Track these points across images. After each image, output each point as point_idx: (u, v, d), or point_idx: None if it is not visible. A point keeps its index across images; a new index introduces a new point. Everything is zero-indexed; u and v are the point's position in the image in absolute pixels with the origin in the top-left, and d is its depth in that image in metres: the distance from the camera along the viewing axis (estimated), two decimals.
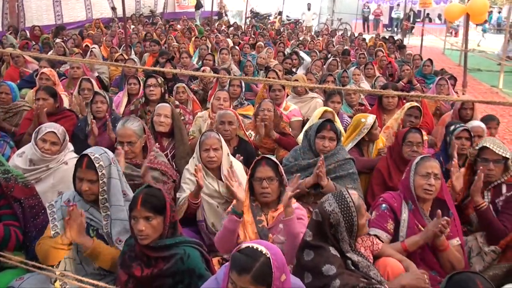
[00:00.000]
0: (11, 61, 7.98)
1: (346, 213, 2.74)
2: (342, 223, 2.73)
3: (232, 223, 3.04)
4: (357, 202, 2.79)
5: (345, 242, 2.75)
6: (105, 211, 2.97)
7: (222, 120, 4.50)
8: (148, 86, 5.60)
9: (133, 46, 10.96)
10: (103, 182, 2.95)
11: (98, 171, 2.94)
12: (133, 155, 3.89)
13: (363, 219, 2.79)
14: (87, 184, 2.93)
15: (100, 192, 2.96)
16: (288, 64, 9.34)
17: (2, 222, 3.08)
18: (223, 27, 19.04)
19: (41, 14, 15.19)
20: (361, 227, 2.79)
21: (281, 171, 3.23)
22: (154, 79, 5.65)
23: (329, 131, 3.97)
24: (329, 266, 2.64)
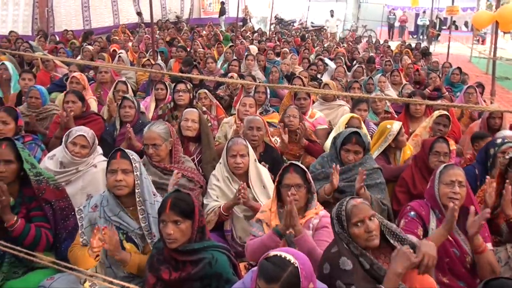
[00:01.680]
0: (41, 65, 8.15)
1: (338, 221, 2.73)
2: (338, 230, 2.73)
3: (272, 241, 3.00)
4: (349, 209, 2.70)
5: (353, 246, 2.70)
6: (140, 206, 3.03)
7: (250, 126, 4.52)
8: (177, 91, 5.65)
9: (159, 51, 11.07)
10: (137, 175, 3.04)
11: (132, 162, 3.03)
12: (158, 158, 3.93)
13: (354, 229, 2.67)
14: (122, 174, 2.99)
15: (136, 185, 3.02)
16: (313, 70, 9.33)
17: (33, 224, 3.15)
18: (247, 33, 19.13)
19: (70, 19, 15.47)
20: (353, 236, 2.67)
21: (309, 178, 3.22)
22: (183, 84, 5.71)
23: (354, 144, 3.93)
24: (345, 259, 2.63)
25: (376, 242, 2.65)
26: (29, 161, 3.23)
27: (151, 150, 3.90)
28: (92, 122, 5.04)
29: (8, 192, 3.15)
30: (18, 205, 3.20)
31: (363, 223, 2.64)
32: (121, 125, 4.98)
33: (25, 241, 3.02)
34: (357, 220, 2.65)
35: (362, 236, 2.64)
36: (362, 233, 2.64)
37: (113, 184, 3.01)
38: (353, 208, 2.68)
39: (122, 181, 2.99)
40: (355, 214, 2.66)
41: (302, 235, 2.94)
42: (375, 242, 2.65)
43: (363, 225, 2.64)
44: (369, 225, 2.63)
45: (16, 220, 3.03)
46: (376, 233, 2.66)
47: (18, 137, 4.21)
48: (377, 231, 2.67)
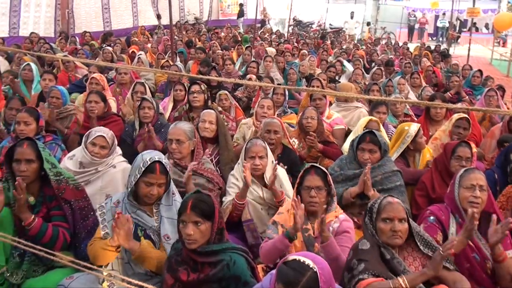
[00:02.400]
0: (61, 66, 8.24)
1: (369, 211, 2.85)
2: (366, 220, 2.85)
3: (282, 244, 3.02)
4: (383, 204, 2.79)
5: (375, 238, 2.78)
6: (156, 208, 3.09)
7: (268, 129, 4.50)
8: (192, 92, 5.68)
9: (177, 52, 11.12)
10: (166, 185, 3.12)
11: (168, 176, 3.12)
12: (179, 155, 3.95)
13: (381, 224, 2.75)
14: (158, 188, 3.06)
15: None
16: (332, 72, 9.29)
17: (52, 223, 3.18)
18: (266, 35, 19.14)
19: (90, 21, 15.61)
20: (378, 229, 2.76)
21: (329, 180, 3.21)
22: (197, 86, 5.73)
23: (368, 143, 3.91)
24: (365, 241, 2.76)
25: (398, 241, 2.72)
26: (50, 161, 3.27)
27: (174, 145, 3.93)
28: (112, 123, 5.09)
29: (30, 191, 3.21)
30: (38, 204, 3.24)
31: (392, 221, 2.73)
32: (140, 126, 5.01)
33: (42, 240, 3.04)
34: (386, 217, 2.74)
35: (386, 233, 2.73)
36: (387, 230, 2.72)
37: (146, 194, 3.06)
38: (387, 204, 2.77)
39: (155, 194, 3.07)
40: (386, 210, 2.75)
41: (330, 242, 2.95)
42: (397, 241, 2.72)
43: (391, 224, 2.73)
44: (396, 226, 2.71)
45: (33, 219, 3.07)
46: (401, 234, 2.72)
47: (39, 137, 4.27)
48: (403, 234, 2.73)
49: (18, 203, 3.01)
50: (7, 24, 12.97)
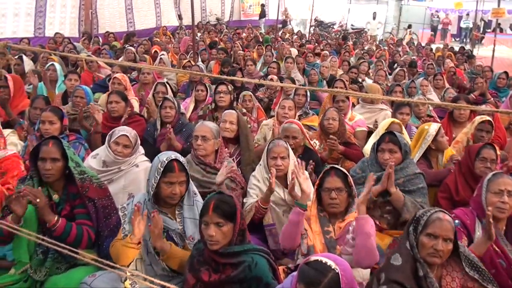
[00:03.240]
0: (85, 66, 8.33)
1: (415, 221, 2.71)
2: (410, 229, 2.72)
3: (296, 215, 3.06)
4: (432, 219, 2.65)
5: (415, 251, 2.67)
6: (179, 210, 3.09)
7: (286, 135, 4.48)
8: (219, 92, 5.69)
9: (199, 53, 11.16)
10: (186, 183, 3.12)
11: (187, 173, 3.11)
12: (204, 151, 3.98)
13: (424, 238, 2.64)
14: (179, 187, 3.06)
15: None
16: (354, 73, 9.23)
17: (76, 221, 3.21)
18: (287, 35, 19.11)
19: (114, 21, 15.75)
20: (420, 243, 2.65)
21: (350, 182, 3.19)
22: (224, 86, 5.74)
23: (388, 143, 3.86)
24: (398, 255, 2.65)
25: (435, 260, 2.61)
26: (74, 160, 3.30)
27: (199, 141, 3.96)
28: (135, 123, 5.12)
29: (54, 189, 3.28)
30: (62, 202, 3.28)
31: (436, 238, 2.59)
32: (161, 126, 5.03)
33: (67, 240, 3.06)
34: (431, 232, 2.61)
35: (427, 249, 2.61)
36: (428, 246, 2.60)
37: (169, 195, 3.07)
38: (436, 220, 2.63)
39: (177, 194, 3.07)
40: (433, 226, 2.62)
41: (365, 216, 2.96)
42: (435, 260, 2.60)
43: (434, 240, 2.59)
44: (439, 245, 2.58)
45: (57, 220, 3.09)
46: (442, 254, 2.59)
47: (63, 136, 4.30)
48: (444, 254, 2.60)
49: (38, 207, 3.03)
50: (33, 24, 13.12)
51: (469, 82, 9.46)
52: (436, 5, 27.13)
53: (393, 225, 3.67)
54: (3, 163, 3.89)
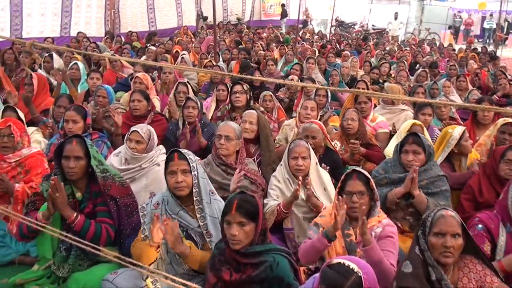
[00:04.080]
0: (108, 65, 8.41)
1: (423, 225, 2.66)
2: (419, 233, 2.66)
3: (321, 244, 2.97)
4: (436, 218, 2.61)
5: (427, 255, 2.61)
6: (198, 205, 3.08)
7: (306, 135, 4.45)
8: (234, 92, 5.69)
9: (221, 52, 11.20)
10: (195, 175, 3.08)
11: (190, 162, 3.07)
12: (226, 151, 3.98)
13: (432, 238, 2.58)
14: (182, 175, 3.04)
15: (193, 185, 3.07)
16: (375, 74, 9.15)
17: (96, 219, 3.25)
18: (307, 35, 19.04)
19: (135, 20, 15.88)
20: (430, 244, 2.58)
21: (372, 185, 3.14)
22: (240, 86, 5.74)
23: (411, 144, 3.82)
24: (408, 262, 2.60)
25: (448, 260, 2.54)
26: (97, 158, 3.34)
27: (222, 140, 3.96)
28: (156, 123, 5.14)
29: (77, 187, 3.31)
30: (85, 200, 3.31)
31: (444, 236, 2.54)
32: (183, 125, 5.04)
33: (85, 237, 3.10)
34: (438, 231, 2.56)
35: (437, 249, 2.55)
36: (439, 246, 2.54)
37: (174, 185, 3.07)
38: (440, 218, 2.59)
39: (182, 182, 3.04)
40: (438, 224, 2.57)
41: (372, 246, 2.85)
42: (447, 260, 2.54)
43: (442, 238, 2.54)
44: (448, 241, 2.52)
45: (76, 216, 3.14)
46: (453, 251, 2.53)
47: (86, 134, 4.34)
48: (455, 250, 2.54)
49: (57, 202, 3.07)
50: (59, 24, 13.28)
51: (492, 83, 9.30)
52: (459, 5, 26.75)
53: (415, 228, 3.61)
54: (27, 160, 3.96)
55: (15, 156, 3.91)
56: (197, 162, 3.16)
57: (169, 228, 2.83)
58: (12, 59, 7.72)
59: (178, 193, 3.08)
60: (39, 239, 3.30)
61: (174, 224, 2.89)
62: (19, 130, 3.98)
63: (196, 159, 3.18)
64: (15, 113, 4.62)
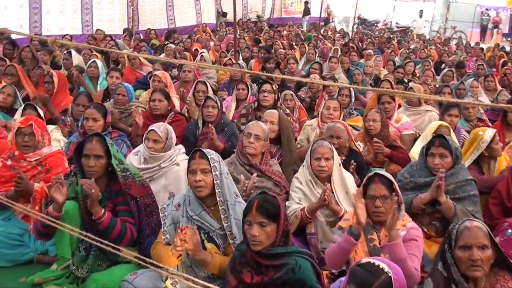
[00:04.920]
0: (127, 63, 8.48)
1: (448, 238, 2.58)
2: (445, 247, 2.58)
3: (348, 243, 2.95)
4: (461, 230, 2.52)
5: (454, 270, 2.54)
6: (221, 205, 3.06)
7: (330, 134, 4.44)
8: (263, 91, 5.67)
9: (240, 51, 11.22)
10: (216, 175, 3.07)
11: (210, 162, 3.07)
12: (254, 151, 3.98)
13: (458, 252, 2.50)
14: (201, 175, 3.03)
15: (215, 185, 3.06)
16: (400, 73, 9.07)
17: (119, 218, 3.28)
18: (329, 33, 18.97)
19: (154, 18, 16.02)
20: (456, 258, 2.50)
21: (395, 189, 3.10)
22: (269, 85, 5.71)
23: (438, 147, 3.77)
24: (429, 280, 2.56)
25: (477, 274, 2.45)
26: (117, 157, 3.37)
27: (252, 139, 3.97)
28: (175, 123, 5.15)
29: None
30: (105, 199, 3.35)
31: (470, 249, 2.45)
32: (203, 125, 5.06)
33: (111, 235, 3.15)
34: (463, 244, 2.48)
35: (464, 263, 2.47)
36: (465, 260, 2.46)
37: (193, 184, 3.07)
38: (464, 230, 2.50)
39: (201, 181, 3.04)
40: (463, 237, 2.49)
41: (397, 242, 2.83)
42: (475, 273, 2.45)
43: (468, 251, 2.46)
44: (474, 254, 2.43)
45: (103, 213, 3.17)
46: (481, 264, 2.44)
47: (105, 133, 4.39)
48: (484, 263, 2.45)
49: (91, 198, 3.13)
50: (79, 21, 13.44)
51: None
52: (487, 3, 26.35)
53: (441, 233, 3.57)
54: (47, 159, 3.99)
55: (36, 155, 3.94)
56: (220, 162, 3.15)
57: (188, 237, 2.82)
58: (30, 56, 7.82)
59: (197, 193, 3.08)
60: (57, 238, 3.32)
61: (193, 232, 2.87)
62: (40, 129, 4.01)
63: (220, 159, 3.17)
64: (36, 111, 4.69)
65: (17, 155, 3.89)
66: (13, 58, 7.73)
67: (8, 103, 5.45)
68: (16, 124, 4.01)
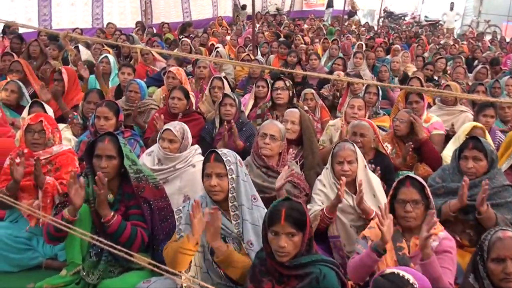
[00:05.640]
0: (139, 58, 8.51)
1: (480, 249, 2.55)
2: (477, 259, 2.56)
3: (370, 259, 2.92)
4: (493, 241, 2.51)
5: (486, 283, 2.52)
6: (234, 211, 3.06)
7: (354, 131, 4.42)
8: (276, 89, 5.63)
9: (259, 46, 11.21)
10: (232, 178, 3.06)
11: (226, 165, 3.05)
12: (269, 152, 3.97)
13: (491, 264, 2.49)
14: (216, 179, 3.02)
15: (230, 189, 3.05)
16: (430, 70, 8.98)
17: (130, 222, 3.27)
18: (353, 27, 18.87)
19: (169, 11, 16.06)
20: (489, 271, 2.49)
21: (427, 193, 3.08)
22: (282, 81, 5.66)
23: (472, 150, 3.71)
24: None
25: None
26: (130, 158, 3.36)
27: (267, 139, 3.96)
28: (193, 122, 5.16)
29: (109, 188, 3.30)
30: (117, 202, 3.35)
31: (504, 262, 2.44)
32: (220, 124, 5.06)
33: (120, 239, 3.14)
34: (496, 257, 2.47)
35: (498, 276, 2.45)
36: (498, 273, 2.45)
37: (208, 189, 3.07)
38: (497, 241, 2.49)
39: (216, 186, 3.03)
40: (496, 249, 2.48)
41: (431, 261, 2.78)
42: (510, 285, 2.44)
43: (502, 264, 2.44)
44: (509, 267, 2.42)
45: (112, 216, 3.17)
46: None
47: (117, 132, 4.37)
48: None
49: (99, 199, 3.13)
50: (90, 14, 13.53)
51: None
52: None
53: (476, 242, 3.51)
54: (57, 158, 4.02)
55: (46, 153, 3.96)
56: (238, 164, 3.13)
57: (214, 216, 2.83)
58: (38, 51, 7.84)
59: (212, 197, 3.08)
60: (68, 242, 3.33)
61: (219, 217, 2.88)
62: (51, 126, 4.03)
63: (237, 160, 3.15)
64: (43, 109, 4.73)
65: (27, 153, 3.90)
66: (21, 53, 7.80)
67: (12, 100, 5.53)
68: (25, 121, 4.03)
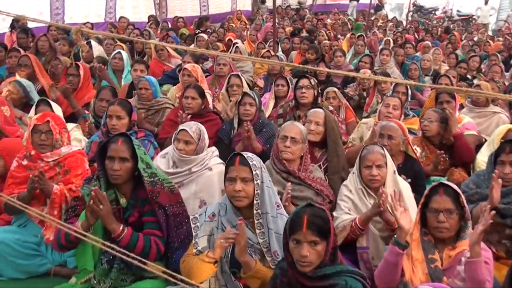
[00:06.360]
0: (153, 54, 8.53)
1: None
2: None
3: (393, 255, 2.92)
4: None
5: None
6: (258, 219, 3.05)
7: (381, 133, 4.39)
8: (300, 87, 5.58)
9: (280, 42, 11.18)
10: (257, 184, 3.05)
11: (252, 170, 3.04)
12: (290, 155, 3.93)
13: None
14: (241, 184, 3.01)
15: (255, 195, 3.04)
16: (463, 69, 8.88)
17: (144, 231, 3.26)
18: (380, 22, 18.76)
19: (185, 4, 16.03)
20: None
21: (462, 202, 3.04)
22: (306, 79, 5.60)
23: (509, 154, 3.69)
24: None
25: None
26: (145, 160, 3.34)
27: (288, 142, 3.92)
28: (209, 122, 5.14)
29: (122, 192, 3.34)
30: (130, 207, 3.34)
31: None
32: (239, 124, 5.04)
33: (134, 251, 3.08)
34: None
35: None
36: None
37: (231, 194, 3.05)
38: None
39: (241, 191, 3.01)
40: None
41: (479, 260, 2.75)
42: None
43: None
44: None
45: (122, 230, 3.15)
46: None
47: (131, 132, 4.34)
48: None
49: (100, 214, 3.11)
50: (104, 8, 13.59)
51: None
52: None
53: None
54: (66, 160, 4.00)
55: (54, 155, 3.95)
56: (262, 169, 3.12)
57: (241, 230, 2.84)
58: (47, 46, 7.88)
59: (236, 203, 3.06)
60: (79, 249, 3.34)
61: (244, 228, 2.89)
62: (58, 126, 4.02)
63: (262, 165, 3.14)
64: (50, 107, 4.76)
65: (34, 155, 3.92)
66: (27, 48, 7.86)
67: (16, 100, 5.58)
68: (32, 121, 4.03)
